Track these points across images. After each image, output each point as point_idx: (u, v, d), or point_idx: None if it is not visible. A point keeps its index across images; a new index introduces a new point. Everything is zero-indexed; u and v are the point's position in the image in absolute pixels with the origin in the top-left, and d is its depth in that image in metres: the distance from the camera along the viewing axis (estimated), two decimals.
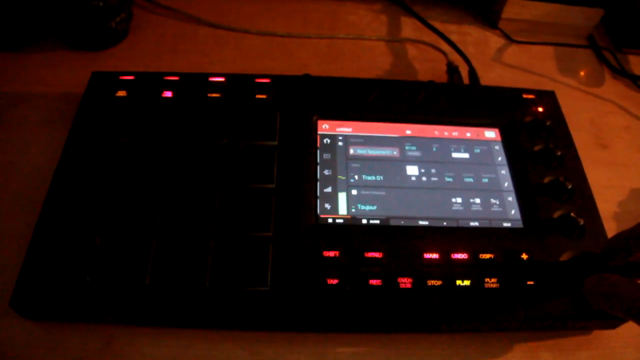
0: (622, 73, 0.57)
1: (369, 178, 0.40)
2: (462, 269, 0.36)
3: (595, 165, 0.47)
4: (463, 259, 0.36)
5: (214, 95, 0.43)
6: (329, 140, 0.42)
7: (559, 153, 0.42)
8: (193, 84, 0.44)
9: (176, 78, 0.44)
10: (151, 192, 0.38)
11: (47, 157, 0.42)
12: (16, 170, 0.43)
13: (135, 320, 0.35)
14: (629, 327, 0.36)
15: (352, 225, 0.38)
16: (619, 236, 0.34)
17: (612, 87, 0.56)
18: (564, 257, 0.38)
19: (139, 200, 0.37)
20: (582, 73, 0.57)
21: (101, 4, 0.46)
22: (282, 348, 0.36)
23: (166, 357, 0.35)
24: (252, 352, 0.35)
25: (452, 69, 0.51)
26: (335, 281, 0.34)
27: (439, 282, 0.35)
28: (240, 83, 0.44)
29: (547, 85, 0.54)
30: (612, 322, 0.37)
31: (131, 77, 0.44)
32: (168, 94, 0.43)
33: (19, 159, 0.43)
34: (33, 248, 0.35)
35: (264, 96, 0.43)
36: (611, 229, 0.43)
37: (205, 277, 0.34)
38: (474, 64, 0.52)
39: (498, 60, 0.57)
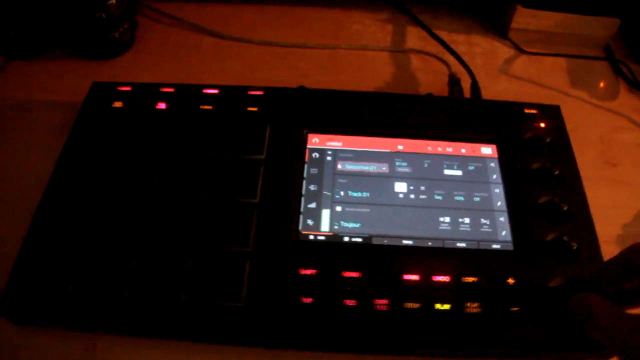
0: (637, 85, 0.54)
1: (355, 194, 0.40)
2: (443, 292, 0.35)
3: (601, 184, 0.45)
4: (444, 282, 0.36)
5: (206, 107, 0.43)
6: (317, 155, 0.42)
7: (557, 172, 0.41)
8: (187, 95, 0.44)
9: (171, 90, 0.45)
10: (135, 204, 0.38)
11: (48, 165, 0.42)
12: (17, 176, 0.44)
13: (116, 329, 0.36)
14: None
15: (333, 243, 0.38)
16: (608, 264, 0.33)
17: (627, 101, 0.53)
18: (554, 283, 0.37)
19: (123, 213, 0.38)
20: (596, 86, 0.55)
21: (104, 15, 0.48)
22: None
23: None
24: None
25: (453, 82, 0.50)
26: (309, 300, 0.34)
27: (416, 305, 0.34)
28: (233, 95, 0.44)
29: (557, 99, 0.52)
30: (603, 352, 0.35)
31: (128, 88, 0.45)
32: (162, 105, 0.44)
33: (21, 165, 0.45)
34: (23, 255, 0.37)
35: (255, 109, 0.43)
36: (612, 253, 0.40)
37: (181, 292, 0.35)
38: (481, 75, 0.51)
39: (505, 72, 0.55)
